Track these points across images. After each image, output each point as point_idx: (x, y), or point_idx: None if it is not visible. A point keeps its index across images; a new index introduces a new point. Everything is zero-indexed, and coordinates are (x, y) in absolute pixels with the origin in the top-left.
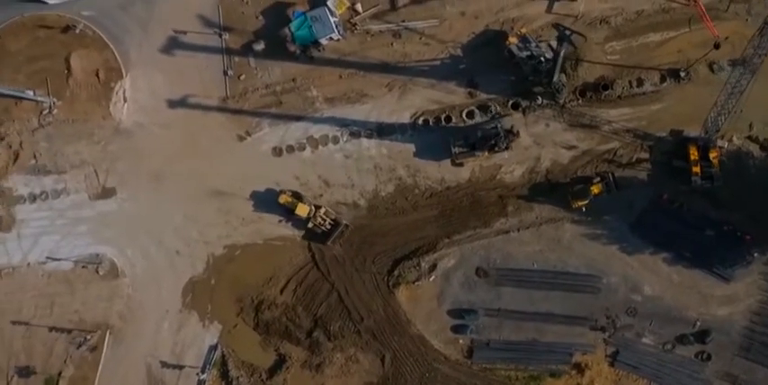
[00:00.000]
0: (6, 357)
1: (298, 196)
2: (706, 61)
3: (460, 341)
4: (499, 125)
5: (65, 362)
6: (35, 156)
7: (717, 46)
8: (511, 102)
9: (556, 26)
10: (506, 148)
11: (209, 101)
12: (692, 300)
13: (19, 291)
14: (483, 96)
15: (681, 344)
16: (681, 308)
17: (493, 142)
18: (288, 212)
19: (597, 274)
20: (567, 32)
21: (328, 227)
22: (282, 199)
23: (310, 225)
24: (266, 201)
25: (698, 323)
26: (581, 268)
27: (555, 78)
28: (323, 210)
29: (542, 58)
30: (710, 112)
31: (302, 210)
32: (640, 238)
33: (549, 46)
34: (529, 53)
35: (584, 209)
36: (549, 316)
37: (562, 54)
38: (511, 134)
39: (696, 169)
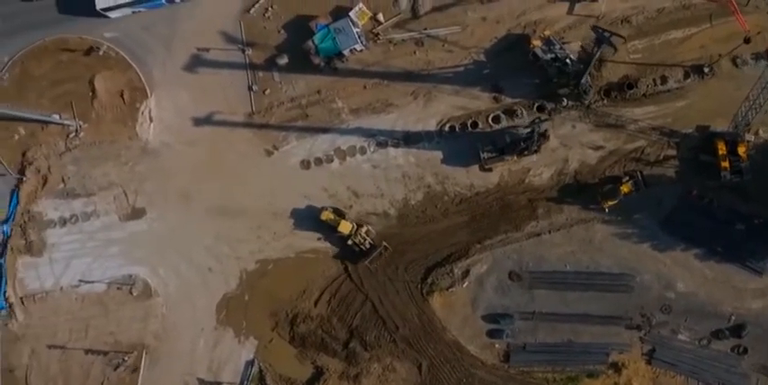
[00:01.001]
0: (44, 381)
1: (339, 213)
2: (729, 56)
3: (496, 345)
4: (537, 128)
5: (102, 384)
6: (63, 180)
7: (747, 40)
8: (536, 105)
9: (594, 28)
10: (536, 152)
11: (235, 117)
12: (725, 295)
13: (53, 316)
14: (508, 100)
15: (717, 338)
16: (715, 303)
17: (523, 146)
18: (319, 225)
19: (630, 273)
20: (606, 34)
21: (367, 246)
22: (324, 216)
23: (349, 242)
24: (297, 214)
25: (732, 317)
26: (613, 268)
27: (583, 80)
28: (364, 229)
29: (568, 60)
30: (741, 107)
31: (345, 228)
32: (671, 235)
33: (582, 48)
34: (553, 55)
35: (606, 210)
36: (583, 317)
37: (597, 56)
38: (542, 137)
39: (725, 164)
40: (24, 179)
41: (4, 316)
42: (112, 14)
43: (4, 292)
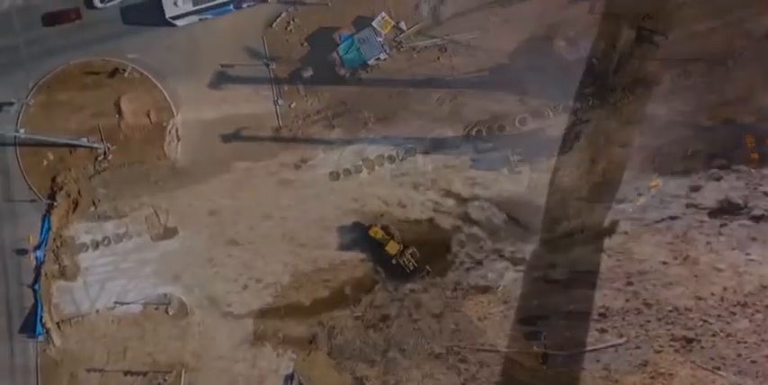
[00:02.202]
0: None
1: (388, 231)
2: (754, 47)
3: (534, 347)
4: (577, 129)
5: None
6: (94, 203)
7: None
8: (562, 106)
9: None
10: (567, 152)
11: (262, 131)
12: (757, 286)
13: (90, 339)
14: (534, 102)
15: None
16: (746, 294)
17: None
18: (352, 237)
19: (662, 269)
20: (647, 33)
21: (411, 268)
22: (373, 232)
23: (394, 262)
24: (328, 226)
25: None
26: (646, 264)
27: (610, 79)
28: (410, 251)
29: (594, 60)
30: None
31: (393, 248)
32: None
33: (613, 47)
34: (579, 55)
35: (633, 208)
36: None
37: (634, 54)
38: (575, 138)
39: (755, 155)
40: (55, 204)
41: (42, 342)
42: (180, 23)
43: (41, 318)
